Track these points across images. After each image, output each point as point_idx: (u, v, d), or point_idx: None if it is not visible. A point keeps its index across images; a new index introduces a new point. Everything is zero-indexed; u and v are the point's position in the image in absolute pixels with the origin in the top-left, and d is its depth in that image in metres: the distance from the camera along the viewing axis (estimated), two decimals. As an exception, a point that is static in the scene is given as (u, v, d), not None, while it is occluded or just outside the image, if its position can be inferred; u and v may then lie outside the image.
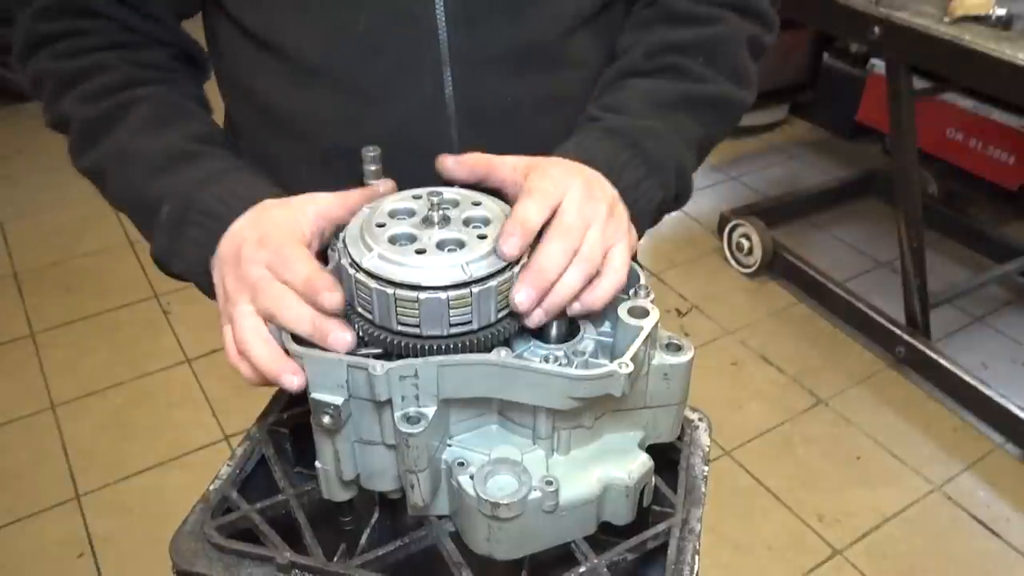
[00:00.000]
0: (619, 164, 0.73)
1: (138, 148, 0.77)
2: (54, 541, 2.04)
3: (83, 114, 0.79)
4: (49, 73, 0.81)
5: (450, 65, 0.79)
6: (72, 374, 2.54)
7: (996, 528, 2.12)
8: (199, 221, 0.70)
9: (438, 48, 0.78)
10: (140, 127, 0.78)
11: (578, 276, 0.64)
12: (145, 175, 0.75)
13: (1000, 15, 2.01)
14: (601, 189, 0.69)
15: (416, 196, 0.67)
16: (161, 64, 0.85)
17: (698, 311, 2.84)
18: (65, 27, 0.81)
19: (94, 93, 0.79)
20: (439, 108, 0.80)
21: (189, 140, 0.77)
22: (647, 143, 0.76)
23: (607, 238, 0.66)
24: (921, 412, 2.45)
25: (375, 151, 0.70)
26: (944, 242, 3.12)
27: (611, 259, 0.66)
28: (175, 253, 0.73)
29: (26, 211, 3.22)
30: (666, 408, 0.70)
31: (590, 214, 0.66)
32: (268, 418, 0.81)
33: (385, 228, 0.63)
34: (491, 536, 0.63)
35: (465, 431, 0.67)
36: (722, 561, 2.03)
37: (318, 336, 0.62)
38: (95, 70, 0.80)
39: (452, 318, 0.60)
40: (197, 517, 0.71)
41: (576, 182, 0.67)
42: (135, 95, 0.79)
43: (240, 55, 0.84)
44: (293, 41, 0.79)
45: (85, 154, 0.80)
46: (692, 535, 0.70)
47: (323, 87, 0.80)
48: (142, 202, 0.76)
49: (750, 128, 3.86)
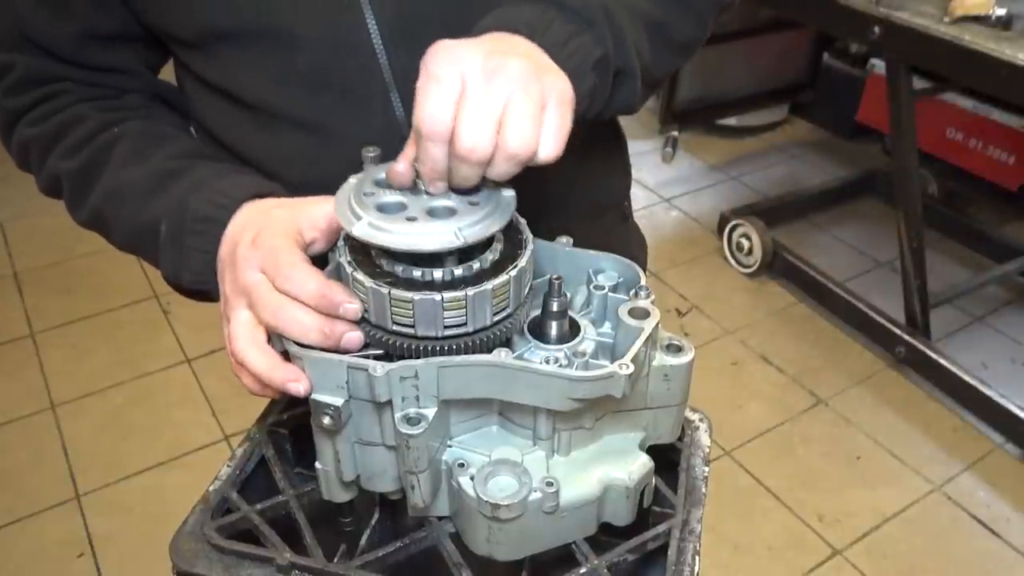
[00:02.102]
0: (543, 24, 0.66)
1: (126, 182, 0.78)
2: (54, 541, 2.04)
3: (68, 168, 0.81)
4: (31, 140, 0.83)
5: (396, 88, 0.79)
6: (72, 374, 2.54)
7: (996, 528, 2.12)
8: (197, 229, 0.71)
9: (381, 73, 0.78)
10: (124, 161, 0.79)
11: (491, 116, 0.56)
12: (138, 204, 0.76)
13: (1000, 15, 2.01)
14: (513, 49, 0.62)
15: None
16: (136, 104, 0.86)
17: (698, 311, 2.84)
18: (34, 97, 0.83)
19: (76, 144, 0.81)
20: (393, 131, 0.80)
21: (173, 159, 0.78)
22: (572, 1, 0.68)
23: (536, 101, 0.58)
24: (921, 412, 2.45)
25: (375, 151, 0.69)
26: (944, 242, 3.12)
27: (548, 107, 0.59)
28: (182, 266, 0.73)
29: (26, 211, 3.22)
30: (666, 409, 0.70)
31: (498, 94, 0.57)
32: (268, 419, 0.81)
33: (373, 196, 0.62)
34: (491, 537, 0.63)
35: (465, 432, 0.67)
36: (722, 561, 2.03)
37: (330, 342, 0.61)
38: (72, 124, 0.81)
39: (446, 319, 0.60)
40: (197, 518, 0.71)
41: (475, 55, 0.58)
42: (113, 135, 0.81)
43: (205, 103, 0.86)
44: (248, 89, 0.81)
45: (81, 206, 0.82)
46: (692, 536, 0.70)
47: (282, 128, 0.82)
48: (143, 230, 0.76)
49: (750, 128, 3.86)
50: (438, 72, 0.57)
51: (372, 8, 0.76)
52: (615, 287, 0.70)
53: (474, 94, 0.57)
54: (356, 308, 0.61)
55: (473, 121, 0.56)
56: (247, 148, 0.85)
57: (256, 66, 0.79)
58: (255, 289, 0.63)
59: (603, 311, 0.69)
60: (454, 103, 0.57)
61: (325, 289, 0.61)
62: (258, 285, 0.63)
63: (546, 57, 0.64)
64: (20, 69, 0.82)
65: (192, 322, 2.73)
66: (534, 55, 0.63)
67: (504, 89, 0.57)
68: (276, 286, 0.62)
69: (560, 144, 0.60)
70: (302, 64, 0.78)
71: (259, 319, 0.63)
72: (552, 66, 0.63)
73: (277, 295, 0.62)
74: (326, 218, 0.66)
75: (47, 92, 0.83)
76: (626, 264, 0.71)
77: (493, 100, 0.57)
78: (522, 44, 0.64)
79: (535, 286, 0.67)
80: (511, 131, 0.57)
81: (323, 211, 0.66)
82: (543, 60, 0.64)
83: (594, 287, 0.69)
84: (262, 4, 0.75)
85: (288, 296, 0.62)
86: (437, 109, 0.57)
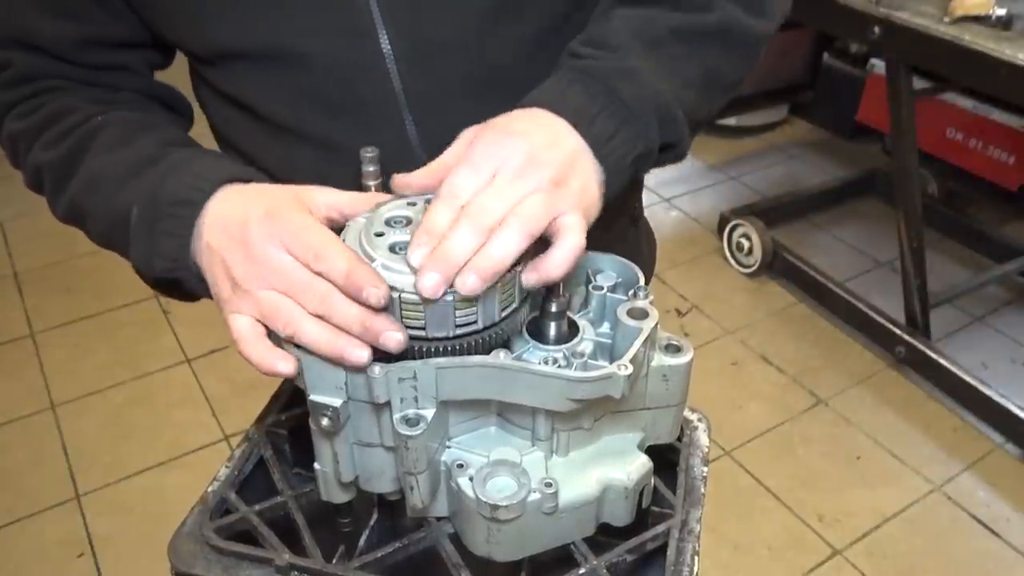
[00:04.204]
0: (591, 114, 0.66)
1: (104, 168, 0.74)
2: (54, 541, 2.04)
3: (49, 158, 0.78)
4: (18, 133, 0.81)
5: (409, 110, 0.79)
6: (72, 374, 2.54)
7: (996, 528, 2.12)
8: (170, 212, 0.67)
9: (395, 96, 0.78)
10: (105, 148, 0.76)
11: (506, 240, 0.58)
12: (113, 190, 0.73)
13: (1000, 15, 2.01)
14: (550, 152, 0.63)
15: (411, 203, 0.66)
16: (128, 100, 0.85)
17: (698, 311, 2.84)
18: (25, 92, 0.81)
19: (59, 135, 0.78)
20: (406, 151, 0.80)
21: (154, 146, 0.75)
22: (624, 88, 0.68)
23: (551, 207, 0.60)
24: (921, 412, 2.45)
25: (373, 151, 0.69)
26: (944, 242, 3.12)
27: (562, 226, 0.61)
28: (152, 252, 0.69)
29: (26, 211, 3.21)
30: (665, 409, 0.70)
31: (520, 189, 0.60)
32: (267, 419, 0.81)
33: (384, 237, 0.62)
34: (490, 538, 0.63)
35: (464, 433, 0.67)
36: (722, 561, 2.03)
37: (368, 337, 0.58)
38: (58, 116, 0.79)
39: (458, 319, 0.60)
40: (196, 519, 0.71)
41: (514, 155, 0.61)
42: (96, 123, 0.78)
43: (219, 109, 0.86)
44: (262, 104, 0.80)
45: (60, 197, 0.79)
46: (691, 536, 0.70)
47: (294, 142, 0.81)
48: (116, 217, 0.72)
49: (750, 128, 3.86)
50: (478, 161, 0.62)
51: (387, 32, 0.75)
52: (614, 287, 0.70)
53: (500, 182, 0.61)
54: (379, 294, 0.57)
55: (492, 195, 0.60)
56: (258, 155, 0.85)
57: (269, 84, 0.78)
58: (290, 273, 0.60)
59: (602, 311, 0.69)
60: (481, 185, 0.61)
61: (353, 270, 0.58)
62: (292, 269, 0.60)
63: (587, 155, 0.66)
64: (17, 67, 0.81)
65: (192, 322, 2.73)
66: (572, 158, 0.65)
67: (528, 187, 0.61)
68: (311, 267, 0.60)
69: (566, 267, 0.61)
70: (315, 85, 0.77)
71: (309, 309, 0.60)
72: (586, 169, 0.65)
73: (321, 281, 0.59)
74: (330, 207, 0.65)
75: (39, 87, 0.81)
76: (625, 264, 0.71)
77: (516, 190, 0.60)
78: (566, 140, 0.65)
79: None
80: (525, 207, 0.60)
81: (326, 199, 0.66)
82: (580, 164, 0.65)
83: (593, 287, 0.69)
84: (273, 25, 0.75)
85: (323, 277, 0.59)
86: (465, 183, 0.61)
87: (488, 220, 0.59)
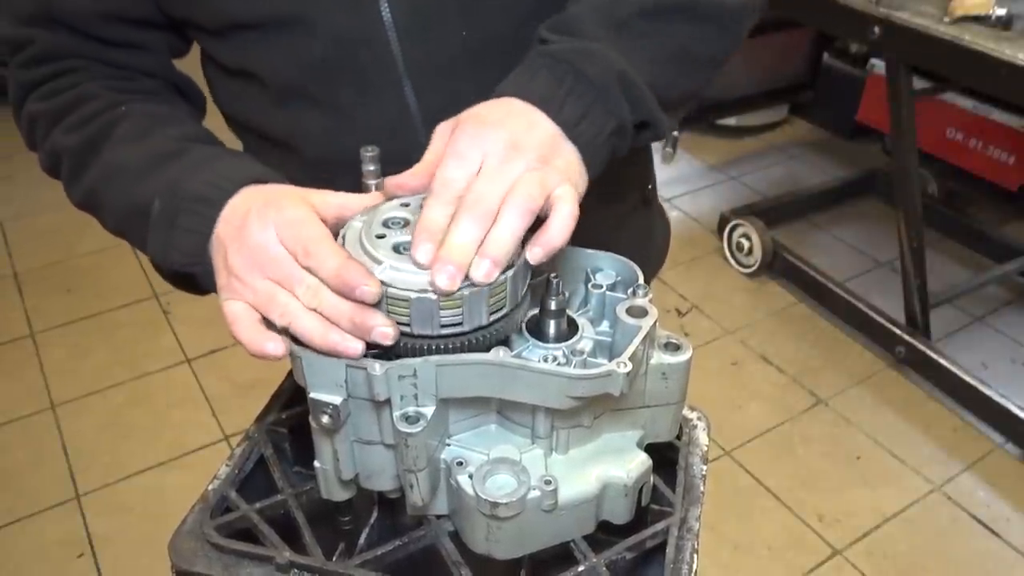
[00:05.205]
0: (559, 97, 0.67)
1: (125, 159, 0.76)
2: (54, 541, 2.05)
3: (69, 143, 0.80)
4: (38, 115, 0.82)
5: (409, 78, 0.80)
6: (72, 374, 2.54)
7: (996, 528, 2.12)
8: (190, 208, 0.69)
9: (395, 64, 0.79)
10: (125, 140, 0.78)
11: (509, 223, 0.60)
12: (133, 182, 0.74)
13: (1000, 15, 2.01)
14: (530, 136, 0.64)
15: (404, 204, 0.66)
16: (148, 88, 0.86)
17: (698, 311, 2.84)
18: (46, 72, 0.83)
19: (80, 121, 0.80)
20: (406, 119, 0.82)
21: (175, 140, 0.77)
22: (588, 68, 0.68)
23: (544, 183, 0.62)
24: (921, 412, 2.45)
25: (373, 151, 0.69)
26: (944, 242, 3.13)
27: (555, 199, 0.62)
28: (170, 246, 0.70)
29: (26, 211, 3.22)
30: (665, 407, 0.70)
31: (510, 172, 0.62)
32: (267, 418, 0.81)
33: (386, 239, 0.63)
34: (490, 535, 0.63)
35: (464, 430, 0.67)
36: (722, 561, 2.03)
37: (359, 333, 0.59)
38: (80, 101, 0.81)
39: (443, 319, 0.60)
40: (196, 517, 0.71)
41: (497, 141, 0.63)
42: (118, 113, 0.80)
43: (226, 86, 0.88)
44: (266, 71, 0.82)
45: (77, 183, 0.80)
46: (691, 534, 0.70)
47: (300, 106, 0.83)
48: (135, 210, 0.74)
49: (750, 128, 3.86)
50: (463, 151, 0.63)
51: (388, 1, 0.77)
52: (613, 285, 0.70)
53: (490, 169, 0.62)
54: (373, 292, 0.58)
55: (484, 182, 0.61)
56: (266, 125, 0.86)
57: (276, 53, 0.80)
58: (281, 264, 0.61)
59: (601, 309, 0.70)
60: (472, 174, 0.62)
61: (344, 268, 0.59)
62: (284, 261, 0.61)
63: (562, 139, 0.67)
64: (39, 44, 0.82)
65: (192, 322, 2.73)
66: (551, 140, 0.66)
67: (517, 169, 0.62)
68: (299, 261, 0.61)
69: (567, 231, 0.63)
70: (319, 53, 0.79)
71: (304, 303, 0.60)
72: (565, 150, 0.67)
73: (311, 275, 0.60)
74: (334, 207, 0.66)
75: (61, 67, 0.83)
76: (624, 263, 0.71)
77: (507, 174, 0.62)
78: (541, 124, 0.66)
79: (533, 285, 0.67)
80: (519, 188, 0.61)
81: (334, 200, 0.67)
82: (559, 145, 0.66)
83: (592, 286, 0.70)
84: None
85: (311, 273, 0.60)
86: (455, 175, 0.62)
87: (487, 206, 0.60)
